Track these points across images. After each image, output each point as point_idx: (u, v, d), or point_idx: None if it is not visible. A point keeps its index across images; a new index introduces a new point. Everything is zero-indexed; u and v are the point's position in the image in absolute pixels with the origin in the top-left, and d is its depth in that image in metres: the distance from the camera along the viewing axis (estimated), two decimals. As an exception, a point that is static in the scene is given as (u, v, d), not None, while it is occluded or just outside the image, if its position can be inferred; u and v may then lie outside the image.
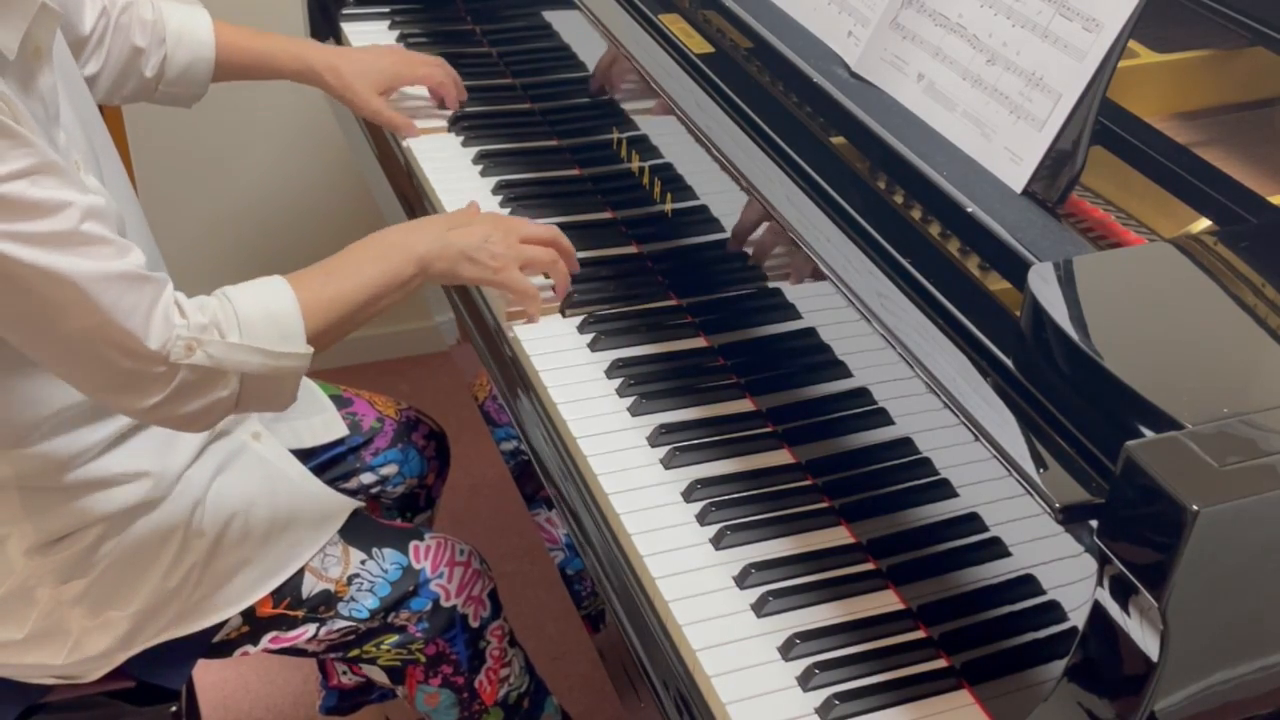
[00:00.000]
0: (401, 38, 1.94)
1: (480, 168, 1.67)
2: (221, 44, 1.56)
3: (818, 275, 1.15)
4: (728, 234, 1.35)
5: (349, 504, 1.45)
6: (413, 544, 1.45)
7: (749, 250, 1.31)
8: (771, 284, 1.28)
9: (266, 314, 1.17)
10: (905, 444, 1.11)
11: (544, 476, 1.31)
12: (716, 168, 1.29)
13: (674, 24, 1.38)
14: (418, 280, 1.30)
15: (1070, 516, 0.87)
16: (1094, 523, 0.86)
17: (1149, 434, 0.83)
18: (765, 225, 1.28)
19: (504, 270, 1.35)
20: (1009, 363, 0.94)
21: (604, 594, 1.20)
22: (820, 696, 1.05)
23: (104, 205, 1.10)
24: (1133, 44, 1.31)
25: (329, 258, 1.27)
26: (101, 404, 1.22)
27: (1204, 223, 1.09)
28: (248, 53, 1.59)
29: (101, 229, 1.08)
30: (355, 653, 1.45)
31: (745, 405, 1.33)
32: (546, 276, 1.43)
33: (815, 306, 1.22)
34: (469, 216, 1.38)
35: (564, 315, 1.42)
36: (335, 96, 1.68)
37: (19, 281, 1.04)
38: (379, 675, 1.50)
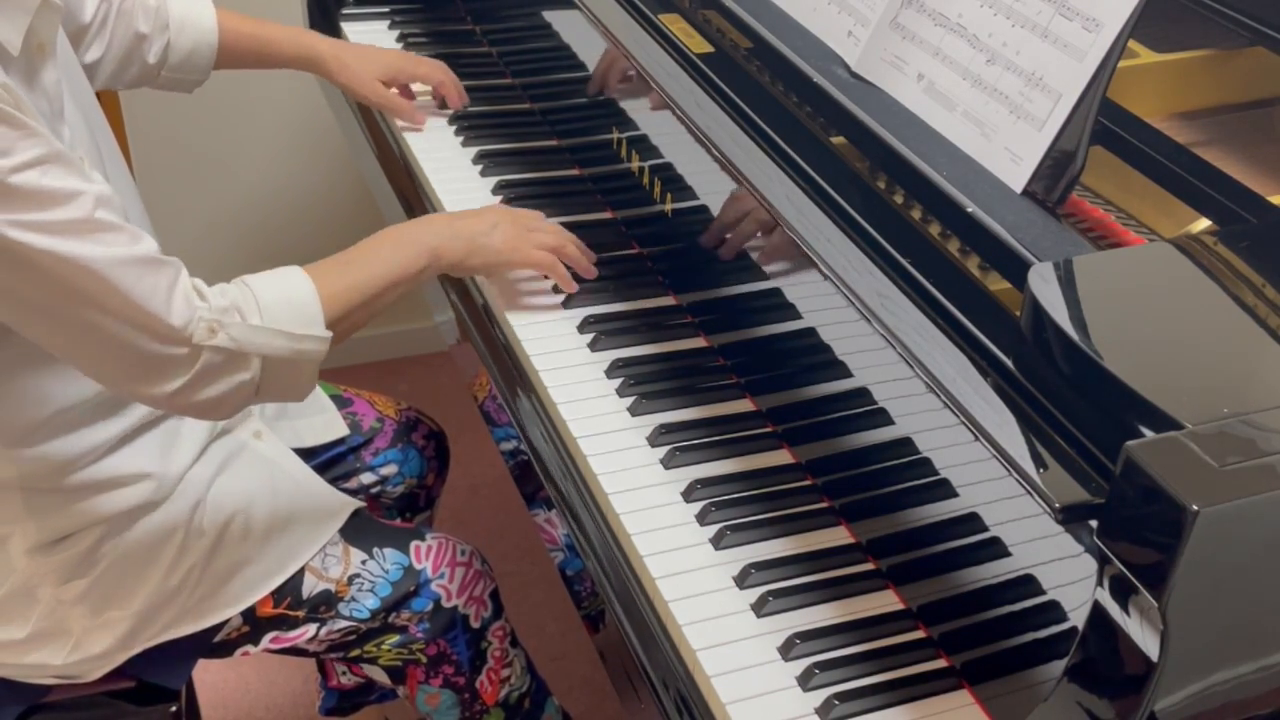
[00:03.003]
0: (401, 38, 1.94)
1: (480, 167, 1.67)
2: (224, 30, 1.57)
3: (809, 267, 1.15)
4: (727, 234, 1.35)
5: (350, 503, 1.45)
6: (414, 544, 1.45)
7: (742, 243, 1.31)
8: (771, 284, 1.28)
9: (286, 299, 1.18)
10: (905, 444, 1.11)
11: (544, 476, 1.31)
12: (716, 168, 1.29)
13: (674, 24, 1.38)
14: (429, 271, 1.33)
15: (1070, 516, 0.87)
16: (1094, 523, 0.86)
17: (1149, 434, 0.83)
18: (750, 215, 1.28)
19: (517, 247, 1.38)
20: (1009, 363, 0.94)
21: (604, 594, 1.20)
22: (820, 696, 1.05)
23: (112, 193, 1.10)
24: (1133, 44, 1.31)
25: (344, 250, 1.29)
26: (122, 396, 1.22)
27: (1204, 223, 1.09)
28: (251, 39, 1.60)
29: (113, 216, 1.08)
30: (356, 653, 1.45)
31: (745, 405, 1.33)
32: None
33: (815, 306, 1.22)
34: (479, 211, 1.40)
35: (565, 307, 1.44)
36: (336, 82, 1.68)
37: (39, 271, 1.04)
38: (380, 675, 1.50)
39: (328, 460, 1.58)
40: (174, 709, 1.37)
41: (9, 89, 1.03)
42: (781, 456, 1.27)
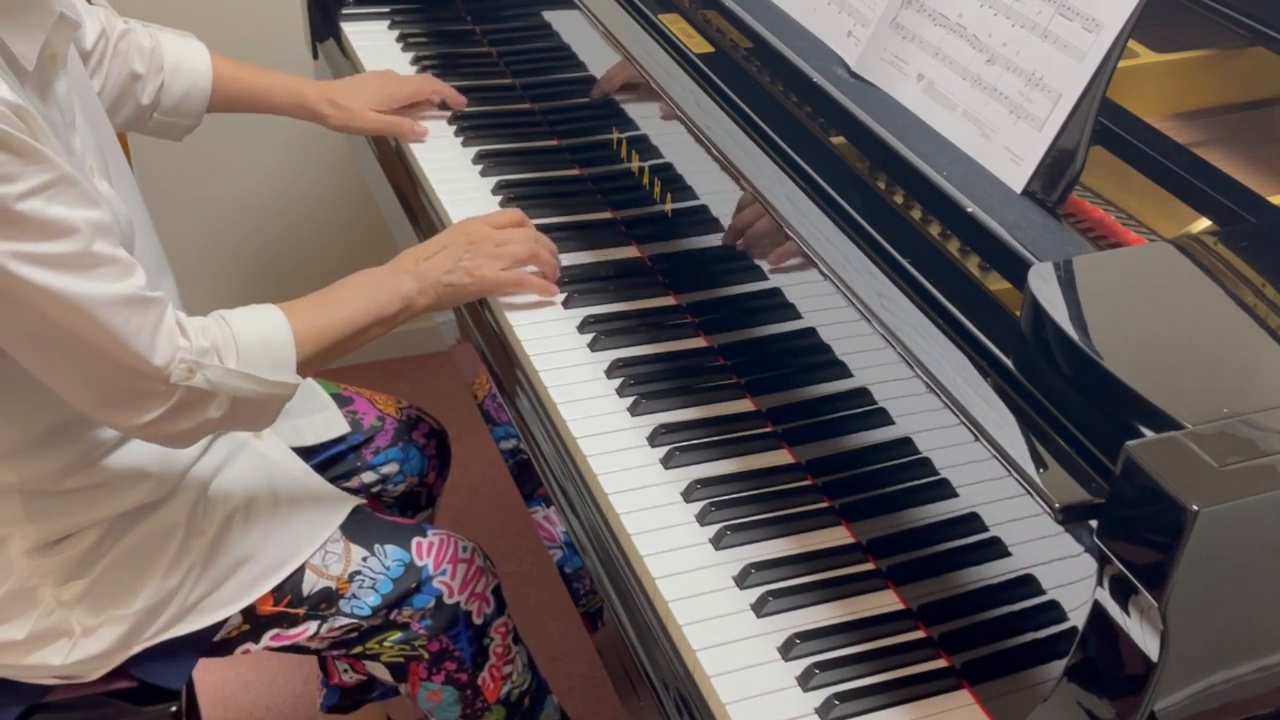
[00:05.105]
0: (401, 38, 1.94)
1: (480, 168, 1.67)
2: (218, 75, 1.57)
3: (809, 267, 1.15)
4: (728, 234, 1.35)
5: (350, 500, 1.45)
6: (415, 540, 1.45)
7: (743, 244, 1.31)
8: (771, 284, 1.28)
9: (263, 342, 1.21)
10: (905, 444, 1.11)
11: (544, 476, 1.31)
12: (716, 168, 1.29)
13: (674, 24, 1.38)
14: (404, 316, 1.35)
15: (1070, 516, 0.87)
16: (1094, 523, 0.86)
17: (1149, 434, 0.83)
18: (760, 219, 1.28)
19: (484, 276, 1.38)
20: (1009, 363, 0.94)
21: (603, 594, 1.20)
22: (820, 696, 1.05)
23: (110, 220, 1.11)
24: (1133, 44, 1.31)
25: (321, 290, 1.31)
26: (92, 419, 1.23)
27: (1204, 223, 1.09)
28: (243, 85, 1.61)
29: (109, 248, 1.09)
30: (358, 650, 1.45)
31: (745, 405, 1.33)
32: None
33: (815, 306, 1.22)
34: (440, 243, 1.40)
35: (565, 307, 1.43)
36: (336, 128, 1.69)
37: (28, 302, 1.05)
38: (382, 672, 1.50)
39: (328, 459, 1.58)
40: (174, 709, 1.37)
41: (20, 112, 1.03)
42: (781, 456, 1.27)
